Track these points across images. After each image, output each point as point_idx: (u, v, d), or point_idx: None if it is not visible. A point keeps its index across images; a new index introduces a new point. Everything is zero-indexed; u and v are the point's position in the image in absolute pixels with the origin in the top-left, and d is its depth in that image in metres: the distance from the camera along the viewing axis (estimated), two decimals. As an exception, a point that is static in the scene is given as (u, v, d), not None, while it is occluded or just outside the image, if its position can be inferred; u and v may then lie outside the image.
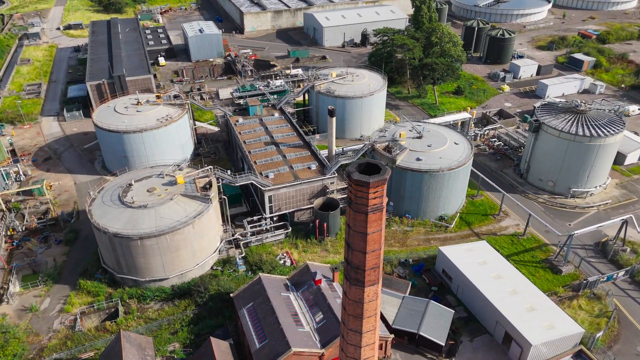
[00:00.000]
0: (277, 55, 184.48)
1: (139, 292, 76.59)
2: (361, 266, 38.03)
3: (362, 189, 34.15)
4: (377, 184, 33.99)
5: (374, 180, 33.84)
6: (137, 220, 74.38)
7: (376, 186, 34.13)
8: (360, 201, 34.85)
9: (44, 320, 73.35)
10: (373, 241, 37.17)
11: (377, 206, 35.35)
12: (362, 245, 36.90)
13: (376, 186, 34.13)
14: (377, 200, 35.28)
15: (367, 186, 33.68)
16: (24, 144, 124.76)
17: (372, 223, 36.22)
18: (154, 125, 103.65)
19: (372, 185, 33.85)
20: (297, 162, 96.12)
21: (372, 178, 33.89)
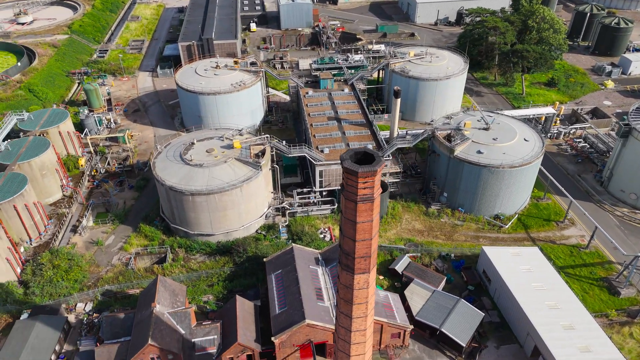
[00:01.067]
0: (365, 29, 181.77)
1: (188, 243, 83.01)
2: (351, 253, 38.24)
3: (351, 177, 34.06)
4: (366, 174, 33.62)
5: (363, 170, 33.52)
6: (191, 177, 79.94)
7: (365, 176, 33.78)
8: (350, 189, 34.82)
9: (105, 254, 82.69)
10: (363, 230, 37.05)
11: (367, 196, 35.05)
12: (352, 233, 37.00)
13: (365, 176, 33.78)
14: (367, 191, 34.94)
15: (355, 175, 33.53)
16: (120, 95, 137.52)
17: (362, 213, 36.05)
18: (227, 90, 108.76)
19: (360, 174, 33.59)
20: (355, 140, 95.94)
21: (362, 168, 33.58)
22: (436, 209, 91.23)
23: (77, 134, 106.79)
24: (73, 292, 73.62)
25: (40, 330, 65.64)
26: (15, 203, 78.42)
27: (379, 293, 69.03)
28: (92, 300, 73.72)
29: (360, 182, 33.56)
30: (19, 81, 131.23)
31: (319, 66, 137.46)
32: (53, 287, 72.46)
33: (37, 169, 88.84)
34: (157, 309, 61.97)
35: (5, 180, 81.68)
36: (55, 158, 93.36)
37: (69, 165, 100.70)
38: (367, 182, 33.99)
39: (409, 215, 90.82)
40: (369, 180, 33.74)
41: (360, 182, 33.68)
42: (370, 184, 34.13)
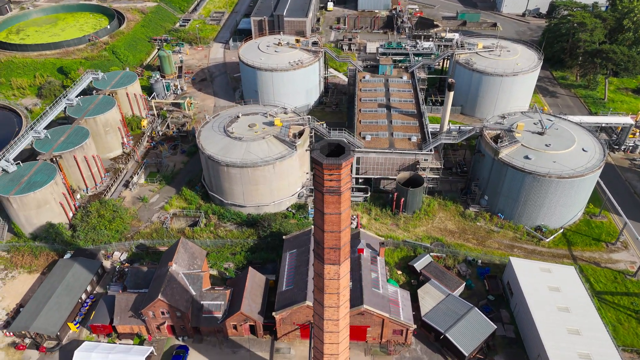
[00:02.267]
0: (445, 16, 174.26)
1: (221, 211, 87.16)
2: (320, 242, 38.41)
3: (318, 168, 34.05)
4: (331, 167, 33.39)
5: (327, 162, 33.35)
6: (230, 149, 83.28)
7: (330, 169, 33.57)
8: (318, 180, 34.85)
9: (148, 211, 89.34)
10: (331, 222, 36.98)
11: (333, 189, 34.85)
12: (321, 223, 37.10)
13: (330, 169, 33.57)
14: (333, 183, 34.72)
15: (321, 166, 33.50)
16: (192, 63, 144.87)
17: (329, 204, 35.95)
18: (283, 67, 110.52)
19: (325, 166, 33.45)
20: (400, 131, 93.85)
21: (327, 160, 33.40)
22: (474, 212, 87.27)
23: (144, 96, 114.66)
24: (112, 241, 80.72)
25: (77, 270, 73.15)
26: (75, 154, 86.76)
27: (389, 288, 68.26)
28: (127, 250, 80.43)
29: (326, 173, 33.49)
30: (106, 43, 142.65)
31: (385, 50, 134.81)
32: (96, 234, 79.92)
33: (101, 126, 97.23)
34: (173, 268, 66.37)
35: (70, 132, 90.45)
36: (119, 117, 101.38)
37: (132, 125, 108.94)
38: (332, 175, 33.82)
39: (444, 214, 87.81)
40: (334, 172, 33.55)
41: (326, 173, 33.61)
42: (336, 176, 33.92)
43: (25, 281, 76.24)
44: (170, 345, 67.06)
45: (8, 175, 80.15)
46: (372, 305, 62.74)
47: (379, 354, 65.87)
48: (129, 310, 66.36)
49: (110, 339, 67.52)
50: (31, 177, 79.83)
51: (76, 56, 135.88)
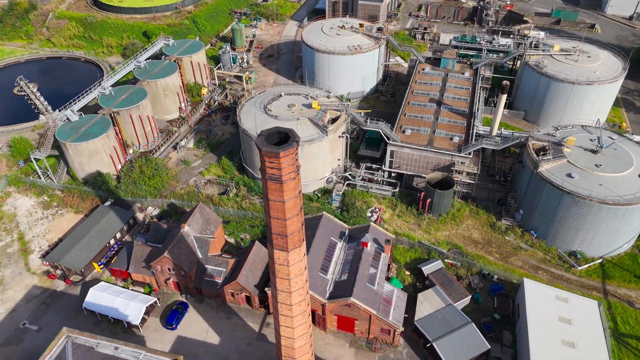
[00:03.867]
0: (538, 12, 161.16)
1: (251, 184, 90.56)
2: (269, 227, 39.20)
3: (259, 152, 34.63)
4: (269, 154, 33.76)
5: (265, 149, 33.77)
6: (264, 125, 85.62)
7: (269, 156, 33.94)
8: (261, 165, 35.50)
9: (187, 174, 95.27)
10: (275, 209, 37.47)
11: (274, 176, 35.22)
12: (267, 208, 37.80)
13: (269, 156, 33.94)
14: (274, 171, 35.05)
15: (260, 151, 34.10)
16: (264, 38, 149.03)
17: (272, 191, 36.43)
18: (341, 51, 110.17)
19: (264, 153, 33.94)
20: (444, 129, 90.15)
21: (266, 147, 33.83)
22: (506, 225, 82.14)
23: (208, 65, 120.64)
24: (149, 196, 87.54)
25: (111, 217, 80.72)
26: (131, 112, 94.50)
27: (386, 286, 67.27)
28: (160, 207, 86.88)
29: (266, 160, 34.06)
30: (190, 11, 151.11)
31: (458, 43, 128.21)
32: (135, 188, 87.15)
33: (161, 89, 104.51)
34: (185, 230, 70.88)
35: (132, 92, 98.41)
36: (179, 83, 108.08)
37: (192, 91, 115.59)
38: (272, 163, 34.28)
39: (473, 222, 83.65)
40: (274, 160, 33.98)
41: (267, 160, 34.17)
42: (276, 164, 34.34)
43: (71, 220, 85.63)
44: (174, 300, 72.18)
45: (70, 124, 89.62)
46: (360, 300, 62.45)
47: (363, 349, 65.67)
48: (142, 261, 72.27)
49: (125, 284, 74.20)
50: (88, 128, 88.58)
51: (161, 22, 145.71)
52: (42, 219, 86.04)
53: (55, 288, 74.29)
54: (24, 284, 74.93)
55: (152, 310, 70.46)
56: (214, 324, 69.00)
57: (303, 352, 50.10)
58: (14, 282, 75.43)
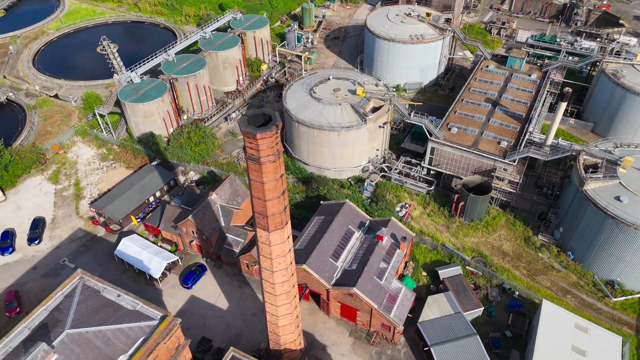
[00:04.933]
0: (638, 15, 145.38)
1: (288, 162, 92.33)
2: (252, 204, 40.36)
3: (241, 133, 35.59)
4: (247, 134, 34.53)
5: (244, 129, 34.56)
6: (306, 107, 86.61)
7: (248, 137, 34.72)
8: (244, 144, 36.45)
9: (232, 145, 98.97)
10: (256, 188, 38.35)
11: (253, 157, 36.00)
12: (250, 186, 38.88)
13: (248, 137, 34.72)
14: (252, 152, 35.82)
15: (240, 130, 35.07)
16: (333, 20, 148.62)
17: (252, 171, 37.26)
18: (402, 39, 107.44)
19: (242, 132, 34.78)
20: (493, 131, 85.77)
21: (245, 127, 34.60)
22: (542, 241, 77.23)
23: (270, 42, 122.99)
24: (192, 161, 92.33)
25: (154, 176, 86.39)
26: (188, 80, 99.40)
27: (396, 283, 66.39)
28: (200, 173, 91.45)
29: (246, 140, 35.01)
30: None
31: (534, 42, 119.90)
32: (181, 152, 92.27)
33: (220, 61, 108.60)
34: (212, 198, 74.34)
35: (192, 61, 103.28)
36: (239, 57, 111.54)
37: (252, 66, 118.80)
38: (251, 143, 35.15)
39: (506, 232, 79.51)
40: (252, 141, 34.83)
41: (246, 140, 35.10)
42: (254, 145, 35.17)
43: (121, 174, 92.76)
44: (195, 262, 76.42)
45: (132, 85, 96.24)
46: (363, 292, 62.34)
47: (361, 340, 65.79)
48: (172, 221, 76.99)
49: (155, 240, 79.62)
50: (147, 90, 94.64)
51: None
52: (98, 170, 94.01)
53: (96, 233, 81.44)
54: (70, 225, 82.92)
55: (173, 267, 75.19)
56: (226, 290, 72.31)
57: (287, 331, 51.38)
58: (64, 222, 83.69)
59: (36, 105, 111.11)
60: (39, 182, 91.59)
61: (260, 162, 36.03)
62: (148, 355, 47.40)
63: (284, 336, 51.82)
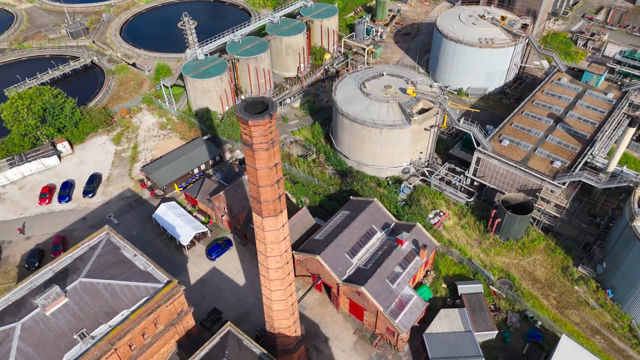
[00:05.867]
0: None
1: (330, 153, 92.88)
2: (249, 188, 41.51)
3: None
4: (241, 120, 35.39)
5: (239, 114, 35.42)
6: (354, 101, 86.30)
7: (242, 122, 35.58)
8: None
9: (280, 130, 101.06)
10: (250, 173, 39.22)
11: (247, 142, 36.83)
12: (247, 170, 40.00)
13: (242, 122, 35.58)
14: (246, 137, 36.66)
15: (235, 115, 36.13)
16: (408, 15, 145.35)
17: (247, 156, 38.13)
18: (469, 42, 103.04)
19: (237, 118, 35.70)
20: (548, 149, 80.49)
21: (240, 113, 35.45)
22: (581, 273, 71.72)
23: (337, 32, 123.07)
24: (239, 141, 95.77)
25: (202, 150, 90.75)
26: (249, 62, 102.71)
27: (408, 290, 65.07)
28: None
29: (241, 125, 36.09)
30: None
31: (622, 59, 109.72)
32: (232, 130, 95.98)
33: (284, 46, 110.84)
34: (245, 178, 76.91)
35: (256, 44, 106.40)
36: (303, 44, 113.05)
37: (316, 55, 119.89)
38: (245, 129, 36.15)
39: (543, 258, 74.67)
40: (245, 127, 35.81)
41: (242, 125, 36.17)
42: (247, 131, 36.13)
43: (175, 144, 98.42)
44: (223, 236, 79.79)
45: (196, 62, 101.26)
46: (371, 292, 61.88)
47: (364, 339, 65.51)
48: (208, 194, 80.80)
49: (192, 210, 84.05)
50: (208, 68, 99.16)
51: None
52: (155, 137, 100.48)
53: (142, 195, 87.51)
54: (122, 185, 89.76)
55: (202, 238, 79.09)
56: (246, 268, 74.93)
57: (281, 317, 52.52)
58: (117, 181, 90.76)
59: (115, 71, 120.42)
60: (103, 141, 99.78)
61: (253, 148, 37.01)
62: (148, 315, 50.83)
63: (278, 320, 53.04)
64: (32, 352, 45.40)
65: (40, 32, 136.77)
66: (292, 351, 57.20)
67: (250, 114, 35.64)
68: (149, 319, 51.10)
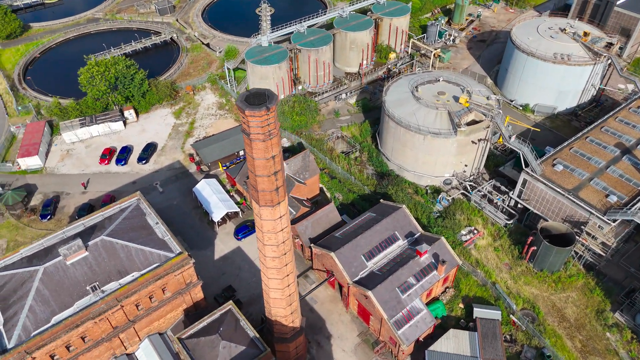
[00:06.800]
0: None
1: (373, 154, 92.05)
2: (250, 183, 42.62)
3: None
4: (240, 109, 36.27)
5: (238, 103, 36.31)
6: (402, 103, 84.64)
7: (240, 110, 36.42)
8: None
9: (330, 124, 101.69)
10: (249, 160, 39.90)
11: (245, 131, 37.60)
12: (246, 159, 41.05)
13: (240, 110, 36.42)
14: (245, 126, 37.38)
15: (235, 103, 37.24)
16: (488, 22, 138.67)
17: (246, 144, 38.79)
18: (542, 56, 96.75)
19: (236, 105, 36.71)
20: (606, 181, 74.28)
21: (240, 102, 36.33)
22: (616, 320, 65.73)
23: (407, 32, 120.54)
24: (289, 130, 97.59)
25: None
26: (310, 54, 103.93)
27: (418, 304, 63.35)
28: (291, 142, 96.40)
29: (240, 112, 37.18)
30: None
31: None
32: (282, 118, 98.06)
33: (348, 41, 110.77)
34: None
35: (320, 37, 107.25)
36: (368, 41, 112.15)
37: (381, 53, 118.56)
38: (243, 118, 37.17)
39: (578, 296, 69.26)
40: (244, 116, 36.81)
41: (241, 115, 37.25)
42: (245, 121, 37.09)
43: (228, 124, 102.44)
44: (252, 219, 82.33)
45: (260, 48, 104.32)
46: (378, 298, 61.15)
47: (367, 344, 65.03)
48: (245, 176, 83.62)
49: (231, 189, 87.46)
50: (269, 55, 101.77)
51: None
52: (212, 115, 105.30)
53: (189, 169, 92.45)
54: (173, 156, 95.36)
55: (234, 217, 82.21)
56: (267, 253, 76.76)
57: (277, 305, 53.55)
58: (170, 152, 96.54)
59: (190, 49, 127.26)
60: (165, 113, 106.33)
61: (250, 138, 37.99)
62: (156, 280, 54.16)
63: (274, 308, 54.16)
64: (48, 295, 50.33)
65: (132, 5, 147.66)
66: (289, 341, 58.16)
67: (249, 104, 36.58)
68: (157, 284, 54.46)
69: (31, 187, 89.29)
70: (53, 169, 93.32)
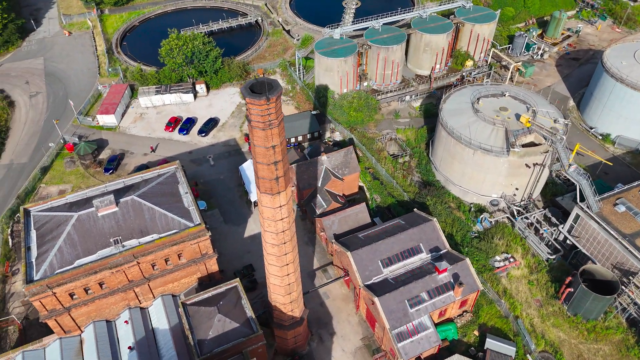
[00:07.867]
0: None
1: (423, 161, 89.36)
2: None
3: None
4: (243, 95, 37.25)
5: (242, 89, 37.31)
6: (460, 114, 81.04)
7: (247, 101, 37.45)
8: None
9: (386, 124, 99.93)
10: (252, 148, 41.18)
11: (249, 119, 38.71)
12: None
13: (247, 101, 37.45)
14: (248, 112, 38.39)
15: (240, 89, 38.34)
16: (588, 39, 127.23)
17: (250, 128, 40.07)
18: (631, 82, 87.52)
19: (241, 90, 37.78)
20: (670, 232, 65.95)
21: (244, 89, 37.26)
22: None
23: (489, 40, 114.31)
24: (344, 125, 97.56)
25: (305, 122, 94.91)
26: (379, 51, 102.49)
27: (426, 321, 61.22)
28: (344, 137, 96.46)
29: (247, 104, 38.29)
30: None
31: None
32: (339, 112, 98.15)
33: (422, 43, 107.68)
34: (322, 158, 79.30)
35: (393, 35, 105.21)
36: (444, 45, 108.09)
37: (457, 59, 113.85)
38: (247, 105, 38.23)
39: (610, 351, 62.76)
40: (248, 103, 37.88)
41: (248, 104, 38.34)
42: (249, 107, 38.14)
43: (288, 111, 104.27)
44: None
45: (330, 40, 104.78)
46: (383, 307, 60.07)
47: (367, 349, 64.29)
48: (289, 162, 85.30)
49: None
50: (338, 48, 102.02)
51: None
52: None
53: (242, 148, 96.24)
54: (230, 134, 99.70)
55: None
56: (294, 241, 78.17)
57: (276, 291, 54.63)
58: (228, 129, 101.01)
59: (271, 33, 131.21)
60: (233, 92, 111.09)
61: (251, 125, 39.00)
62: (172, 245, 57.67)
63: (274, 294, 55.33)
64: (77, 239, 55.72)
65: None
66: (287, 328, 59.21)
67: (253, 92, 37.54)
68: (173, 249, 57.99)
69: (103, 142, 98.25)
70: (125, 129, 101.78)
